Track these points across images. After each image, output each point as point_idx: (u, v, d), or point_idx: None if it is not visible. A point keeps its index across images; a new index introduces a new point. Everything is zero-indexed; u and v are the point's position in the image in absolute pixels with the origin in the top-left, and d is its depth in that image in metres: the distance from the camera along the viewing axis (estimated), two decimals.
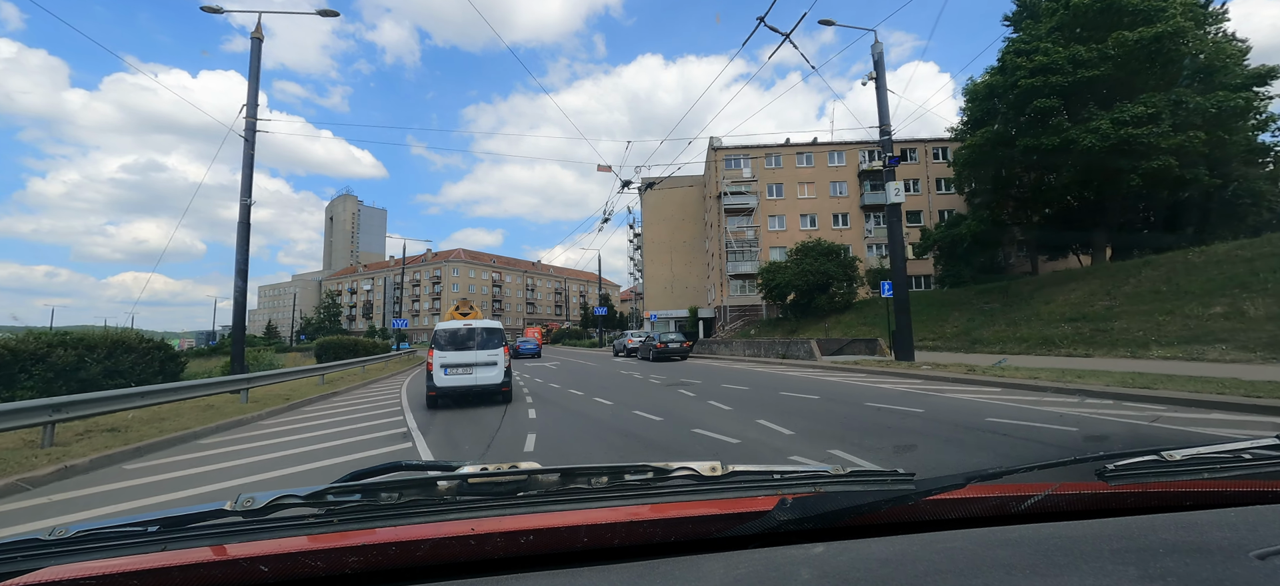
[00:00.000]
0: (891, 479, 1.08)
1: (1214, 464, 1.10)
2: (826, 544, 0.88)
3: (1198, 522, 0.91)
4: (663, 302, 53.91)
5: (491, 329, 10.77)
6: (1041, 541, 0.85)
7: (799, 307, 34.10)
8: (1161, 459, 1.10)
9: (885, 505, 0.98)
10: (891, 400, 9.49)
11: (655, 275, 55.08)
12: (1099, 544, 0.84)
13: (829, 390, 11.54)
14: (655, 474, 1.09)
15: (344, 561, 0.82)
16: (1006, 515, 1.03)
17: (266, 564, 0.79)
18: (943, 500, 1.01)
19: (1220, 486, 1.08)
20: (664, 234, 54.82)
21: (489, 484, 1.03)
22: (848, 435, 6.80)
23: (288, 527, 0.91)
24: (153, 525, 0.89)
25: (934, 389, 10.88)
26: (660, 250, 55.04)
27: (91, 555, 0.83)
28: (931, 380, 12.30)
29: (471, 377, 10.08)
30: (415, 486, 1.02)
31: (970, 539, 0.88)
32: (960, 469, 1.06)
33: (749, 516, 0.95)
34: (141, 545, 0.86)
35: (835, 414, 8.39)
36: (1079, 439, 6.16)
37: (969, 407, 8.45)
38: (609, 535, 0.90)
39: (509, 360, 10.65)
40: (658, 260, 55.14)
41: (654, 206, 54.59)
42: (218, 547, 0.85)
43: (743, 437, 6.88)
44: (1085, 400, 8.68)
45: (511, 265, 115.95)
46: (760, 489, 1.07)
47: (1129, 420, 7.07)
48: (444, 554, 0.85)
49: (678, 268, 54.83)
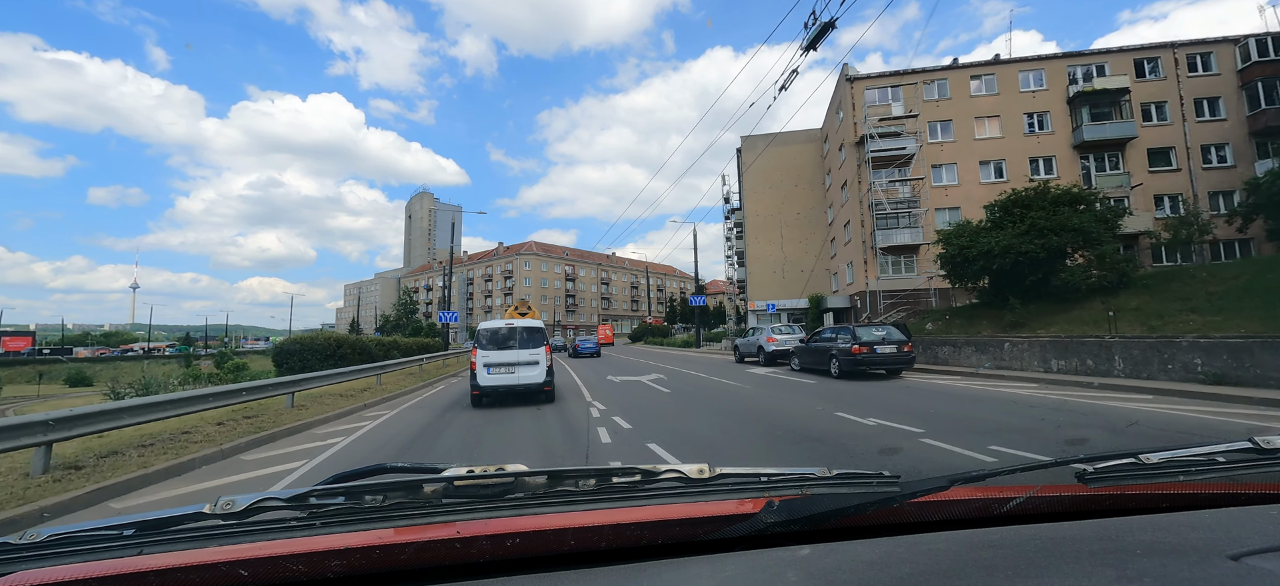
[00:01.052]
0: (877, 481, 1.07)
1: (1190, 466, 1.11)
2: (813, 546, 0.88)
3: (1174, 524, 0.92)
4: (771, 291, 42.62)
5: (532, 328, 10.66)
6: (1023, 543, 0.87)
7: (1014, 287, 21.52)
8: (1139, 462, 1.10)
9: (871, 507, 0.98)
10: None
11: (761, 257, 43.79)
12: (1079, 545, 0.85)
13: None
14: (643, 476, 1.08)
15: (326, 564, 0.80)
16: (990, 517, 1.03)
17: (246, 568, 0.77)
18: (927, 502, 1.01)
19: (1196, 489, 1.08)
20: (770, 205, 43.37)
21: (475, 486, 1.01)
22: None
23: (269, 530, 0.89)
24: (128, 528, 0.86)
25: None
26: (767, 226, 43.68)
27: (63, 559, 0.80)
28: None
29: (514, 377, 10.10)
30: (400, 489, 1.01)
31: (954, 540, 0.89)
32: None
33: (736, 518, 0.94)
34: (116, 549, 0.83)
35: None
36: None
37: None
38: (596, 538, 0.89)
39: (551, 359, 10.63)
40: (763, 238, 43.82)
41: (759, 172, 43.41)
42: (196, 551, 0.82)
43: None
44: None
45: (584, 259, 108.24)
46: (748, 491, 1.07)
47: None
48: (429, 557, 0.84)
49: (791, 247, 43.24)
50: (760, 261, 43.81)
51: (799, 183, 42.73)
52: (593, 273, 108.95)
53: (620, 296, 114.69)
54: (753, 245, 44.23)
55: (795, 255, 43.07)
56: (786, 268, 43.19)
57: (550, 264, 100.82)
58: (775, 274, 43.20)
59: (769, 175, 42.78)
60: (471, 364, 10.33)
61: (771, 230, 43.58)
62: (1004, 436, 6.31)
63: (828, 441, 6.35)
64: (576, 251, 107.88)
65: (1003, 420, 7.40)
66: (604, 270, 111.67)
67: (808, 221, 43.19)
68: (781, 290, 42.67)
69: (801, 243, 43.07)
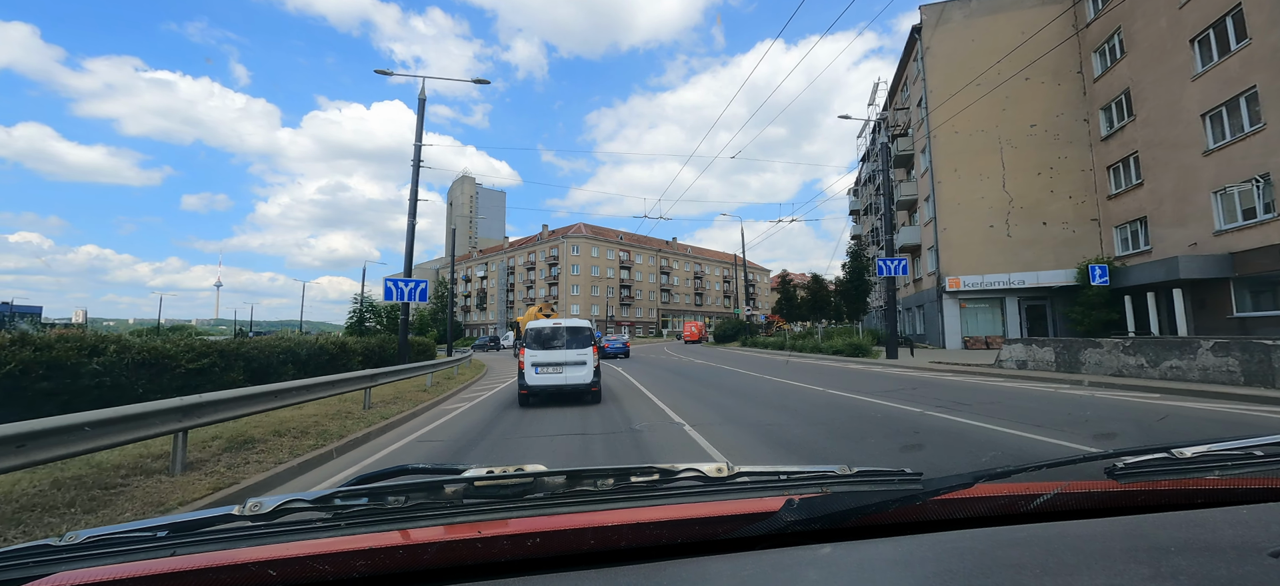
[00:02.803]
0: (899, 479, 1.06)
1: (1226, 461, 1.08)
2: (834, 545, 0.87)
3: (1210, 520, 0.90)
4: (979, 257, 25.25)
5: (579, 328, 10.54)
6: (1051, 541, 0.85)
7: None
8: (1172, 456, 1.08)
9: (893, 505, 0.96)
10: None
11: (960, 203, 26.35)
12: (1110, 543, 0.84)
13: None
14: (662, 475, 1.09)
15: (351, 564, 0.81)
16: (1015, 514, 1.00)
17: (275, 568, 0.79)
18: (951, 500, 0.99)
19: (1233, 484, 1.05)
20: (978, 119, 25.77)
21: (496, 486, 1.02)
22: None
23: (295, 531, 0.91)
24: (161, 530, 0.89)
25: None
26: (971, 153, 26.21)
27: (101, 560, 0.83)
28: None
29: (562, 377, 10.06)
30: (422, 489, 1.02)
31: (979, 539, 0.88)
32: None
33: (756, 517, 0.93)
34: (151, 550, 0.86)
35: None
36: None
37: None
38: (616, 537, 0.89)
39: (598, 360, 10.44)
40: (966, 172, 26.37)
41: (954, 61, 26.08)
42: (226, 552, 0.84)
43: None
44: None
45: (642, 244, 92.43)
46: (767, 490, 1.07)
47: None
48: (451, 556, 0.84)
49: (1022, 184, 25.61)
50: (959, 210, 26.33)
51: (1032, 74, 24.95)
52: (651, 260, 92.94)
53: (682, 288, 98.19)
54: (947, 185, 26.78)
55: (1031, 196, 25.39)
56: (1014, 219, 25.54)
57: (602, 248, 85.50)
58: (990, 230, 25.66)
59: (971, 64, 25.24)
60: (520, 363, 10.24)
61: (982, 158, 26.03)
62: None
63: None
64: (633, 236, 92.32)
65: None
66: (664, 257, 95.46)
67: (1051, 138, 25.41)
68: (1004, 258, 25.13)
69: (1039, 177, 25.36)
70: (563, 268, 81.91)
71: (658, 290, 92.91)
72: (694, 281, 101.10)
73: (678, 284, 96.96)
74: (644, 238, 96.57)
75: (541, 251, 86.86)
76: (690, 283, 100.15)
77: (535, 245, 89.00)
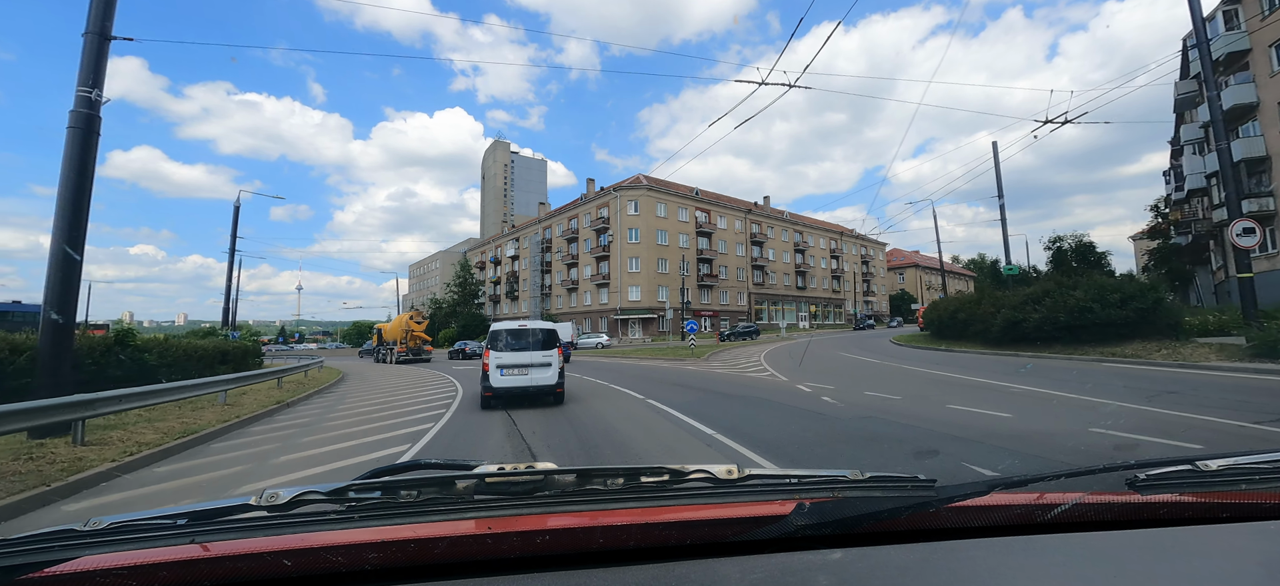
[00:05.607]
0: (912, 485, 1.05)
1: (1252, 474, 1.06)
2: (845, 550, 0.87)
3: (1235, 535, 0.88)
4: None
5: (547, 329, 10.71)
6: (1069, 552, 0.84)
7: None
8: (1196, 468, 1.06)
9: (905, 512, 0.94)
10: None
11: None
12: (1130, 555, 0.82)
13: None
14: (671, 476, 1.07)
15: (364, 557, 0.82)
16: (1032, 524, 0.98)
17: (290, 558, 0.80)
18: (965, 507, 0.97)
19: (1259, 498, 1.02)
20: None
21: (506, 484, 1.03)
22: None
23: (310, 523, 0.92)
24: (181, 518, 0.91)
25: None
26: None
27: (124, 546, 0.84)
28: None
29: (527, 378, 10.20)
30: (434, 485, 1.02)
31: (994, 548, 0.87)
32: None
33: (766, 520, 0.92)
34: (171, 537, 0.87)
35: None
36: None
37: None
38: (624, 537, 0.89)
39: (562, 361, 10.65)
40: None
41: None
42: (243, 541, 0.86)
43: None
44: None
45: (725, 206, 66.49)
46: (778, 493, 1.06)
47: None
48: (461, 552, 0.85)
49: None
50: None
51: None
52: (739, 225, 66.74)
53: (778, 265, 71.34)
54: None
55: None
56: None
57: (671, 206, 59.96)
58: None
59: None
60: (484, 365, 10.40)
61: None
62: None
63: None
64: (711, 194, 66.50)
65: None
66: (755, 221, 69.04)
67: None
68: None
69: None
70: (616, 232, 56.96)
71: (748, 266, 66.53)
72: (795, 257, 74.04)
73: (773, 258, 70.17)
74: (726, 197, 70.36)
75: (587, 214, 62.38)
76: (789, 258, 73.16)
77: (578, 208, 64.69)
